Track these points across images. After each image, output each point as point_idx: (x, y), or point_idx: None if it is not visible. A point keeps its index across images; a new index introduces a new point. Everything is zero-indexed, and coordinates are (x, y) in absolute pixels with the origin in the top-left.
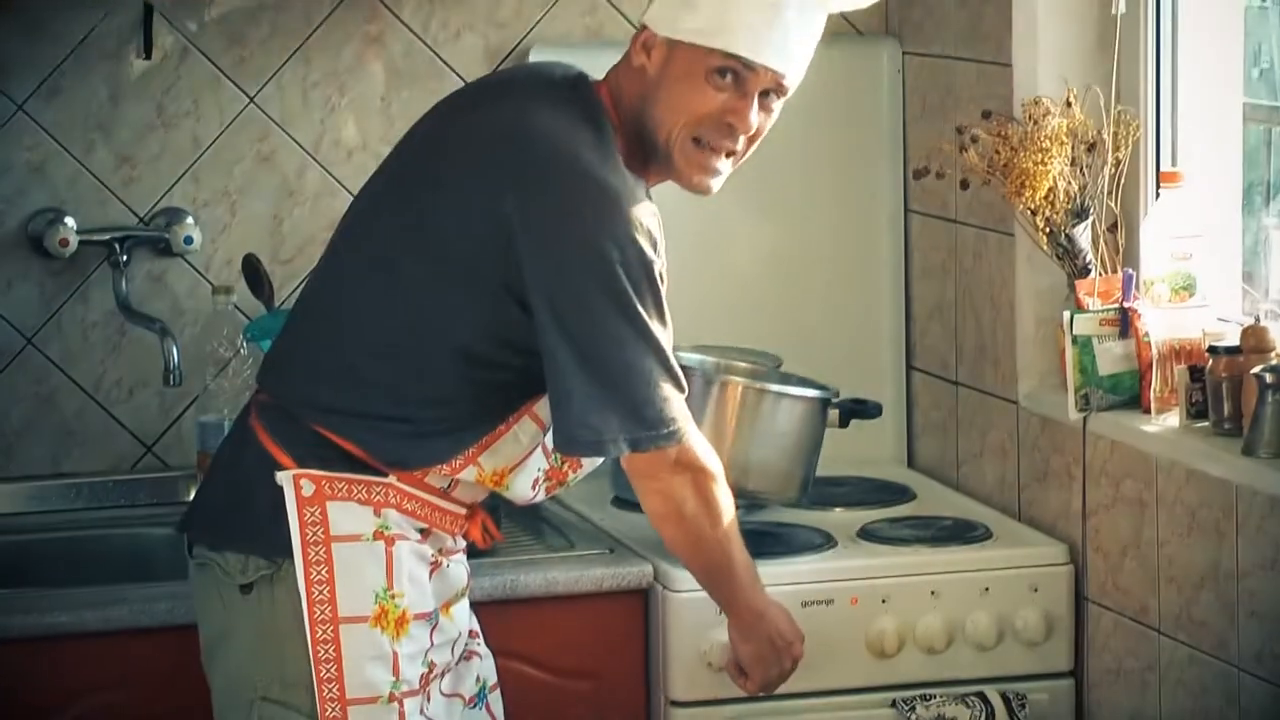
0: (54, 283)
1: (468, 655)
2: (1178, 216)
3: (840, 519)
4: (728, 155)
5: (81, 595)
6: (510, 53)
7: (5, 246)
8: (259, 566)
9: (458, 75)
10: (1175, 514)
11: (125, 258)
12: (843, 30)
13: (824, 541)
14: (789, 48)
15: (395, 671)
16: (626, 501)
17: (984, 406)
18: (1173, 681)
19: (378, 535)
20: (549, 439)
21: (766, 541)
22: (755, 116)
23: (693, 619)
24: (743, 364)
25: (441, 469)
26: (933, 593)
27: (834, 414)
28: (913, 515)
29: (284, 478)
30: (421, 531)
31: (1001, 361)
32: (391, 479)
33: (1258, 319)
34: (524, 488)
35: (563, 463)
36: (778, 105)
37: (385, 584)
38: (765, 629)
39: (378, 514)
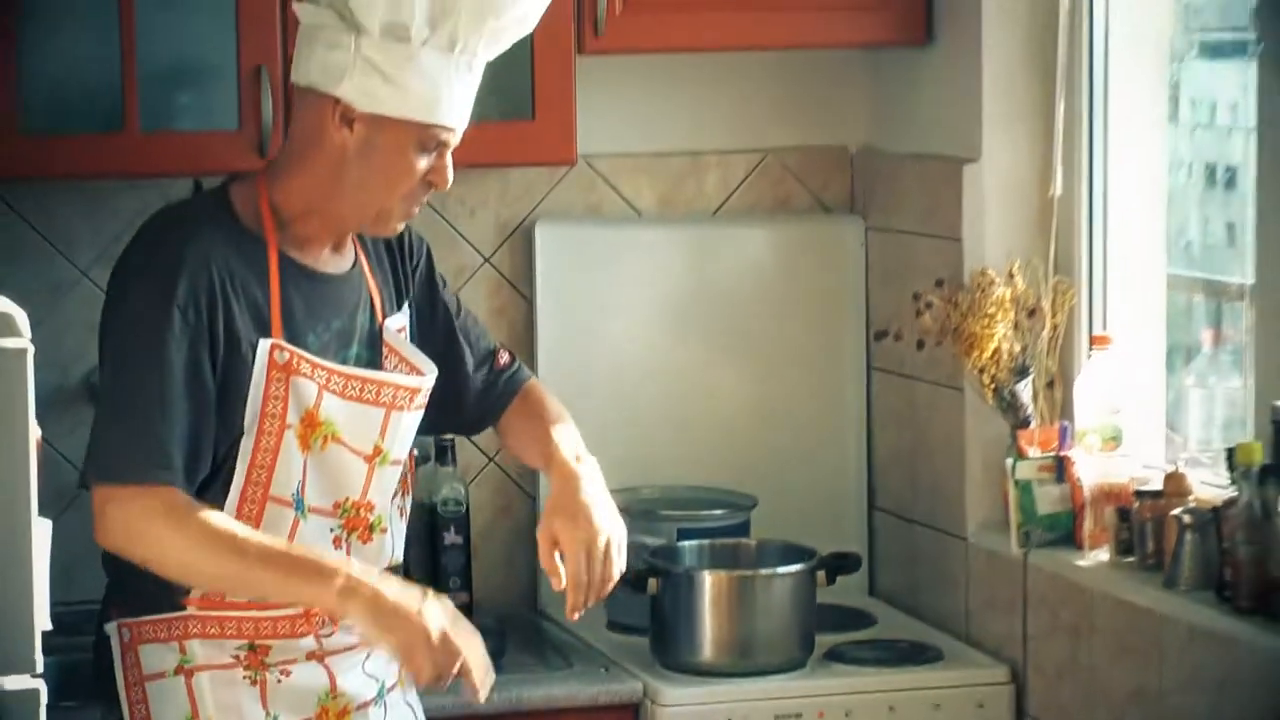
0: None
1: None
2: (1108, 375)
3: None
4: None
5: None
6: (518, 226)
7: (69, 397)
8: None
9: (473, 247)
10: (1106, 639)
11: None
12: (814, 209)
13: (795, 662)
14: (469, 104)
15: None
16: (619, 625)
17: (937, 542)
18: None
19: (178, 670)
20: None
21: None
22: (450, 173)
23: None
24: (727, 542)
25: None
26: (890, 708)
27: (821, 575)
28: (873, 639)
29: (109, 629)
30: (250, 649)
31: (952, 502)
32: (190, 609)
33: (1177, 466)
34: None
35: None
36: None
37: (190, 712)
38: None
39: (182, 649)
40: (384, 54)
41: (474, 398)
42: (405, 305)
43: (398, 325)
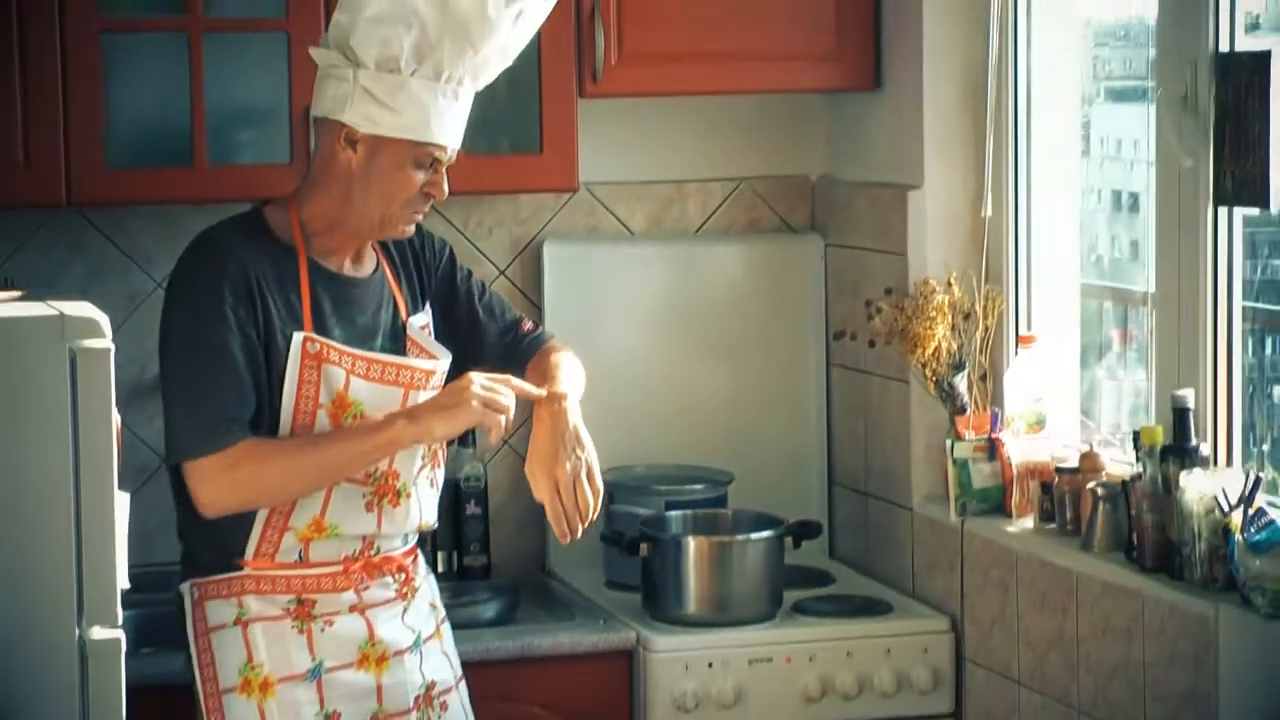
0: None
1: (442, 705)
2: (1032, 369)
3: None
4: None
5: None
6: (529, 243)
7: (146, 390)
8: None
9: (490, 261)
10: (1031, 594)
11: None
12: (781, 229)
13: (766, 614)
14: (462, 126)
15: None
16: (615, 583)
17: (887, 512)
18: None
19: (236, 622)
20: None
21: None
22: (446, 186)
23: (666, 674)
24: (707, 512)
25: (258, 549)
26: (848, 653)
27: (788, 540)
28: (833, 594)
29: (183, 589)
30: (298, 603)
31: (900, 478)
32: (246, 570)
33: (1091, 446)
34: (359, 523)
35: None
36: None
37: (246, 658)
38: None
39: (240, 604)
40: (379, 84)
41: (499, 360)
42: (427, 304)
43: (420, 323)
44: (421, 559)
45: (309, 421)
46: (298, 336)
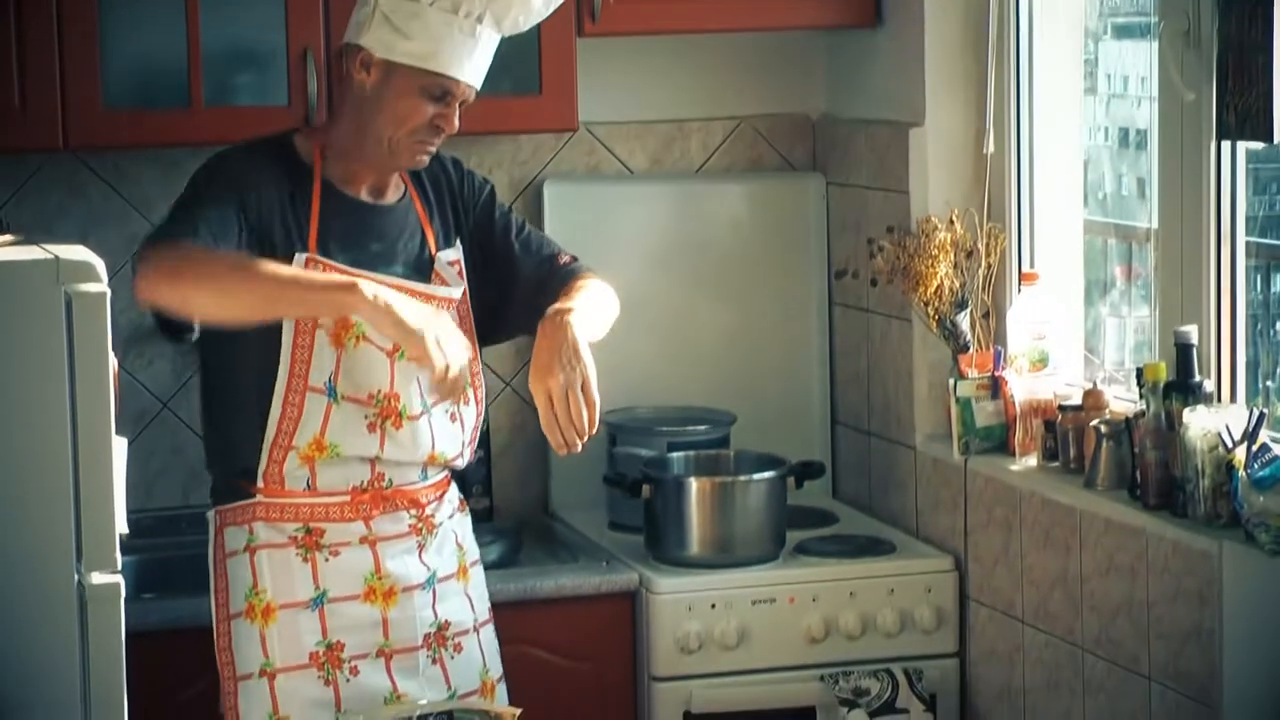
0: (182, 360)
1: (456, 647)
2: (1035, 307)
3: None
4: (433, 147)
5: (203, 600)
6: (529, 184)
7: (145, 334)
8: None
9: None
10: (1034, 532)
11: None
12: (782, 166)
13: (769, 555)
14: (479, 66)
15: (265, 652)
16: (618, 525)
17: (890, 451)
18: (1033, 660)
19: (246, 548)
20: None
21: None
22: (457, 120)
23: (669, 615)
24: (710, 453)
25: (266, 470)
26: (851, 594)
27: (790, 481)
28: (836, 534)
29: (209, 515)
30: (306, 532)
31: (903, 417)
32: (258, 498)
33: (1095, 384)
34: (360, 444)
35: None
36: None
37: (251, 584)
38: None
39: (250, 531)
40: (397, 10)
41: (533, 290)
42: (458, 240)
43: (449, 258)
44: (453, 497)
45: (309, 342)
46: (300, 257)
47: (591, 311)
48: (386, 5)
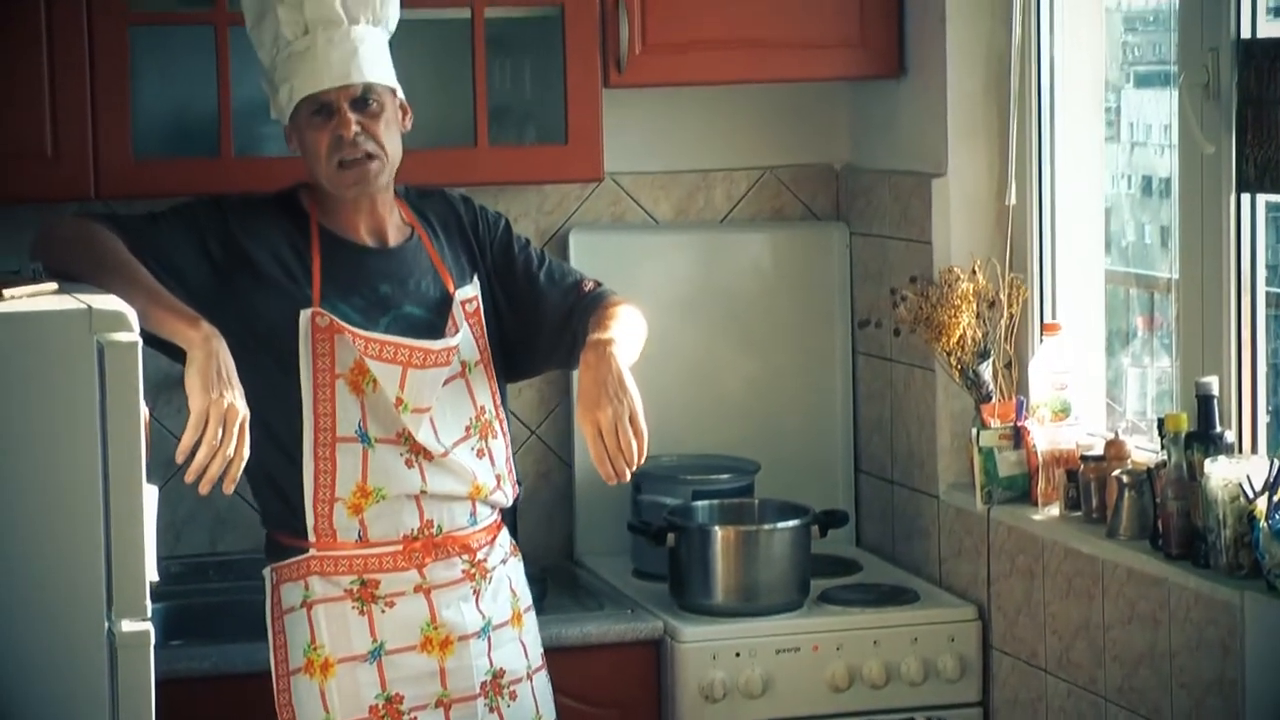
0: None
1: (511, 695)
2: (1057, 357)
3: None
4: (369, 158)
5: (232, 647)
6: (555, 233)
7: (174, 382)
8: None
9: None
10: (1056, 582)
11: None
12: (805, 218)
13: (793, 603)
14: (336, 66)
15: (326, 707)
16: (643, 573)
17: (913, 500)
18: (1056, 709)
19: (303, 604)
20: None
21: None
22: (354, 123)
23: (694, 663)
24: (734, 501)
25: (317, 525)
26: (875, 642)
27: (814, 529)
28: (859, 583)
29: (265, 573)
30: (361, 584)
31: (926, 465)
32: (312, 551)
33: (1117, 434)
34: (403, 481)
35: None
36: (388, 100)
37: (309, 639)
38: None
39: (306, 586)
40: (269, 76)
41: (560, 321)
42: (475, 276)
43: (466, 295)
44: (504, 541)
45: (330, 394)
46: (305, 314)
47: (630, 339)
48: (265, 79)
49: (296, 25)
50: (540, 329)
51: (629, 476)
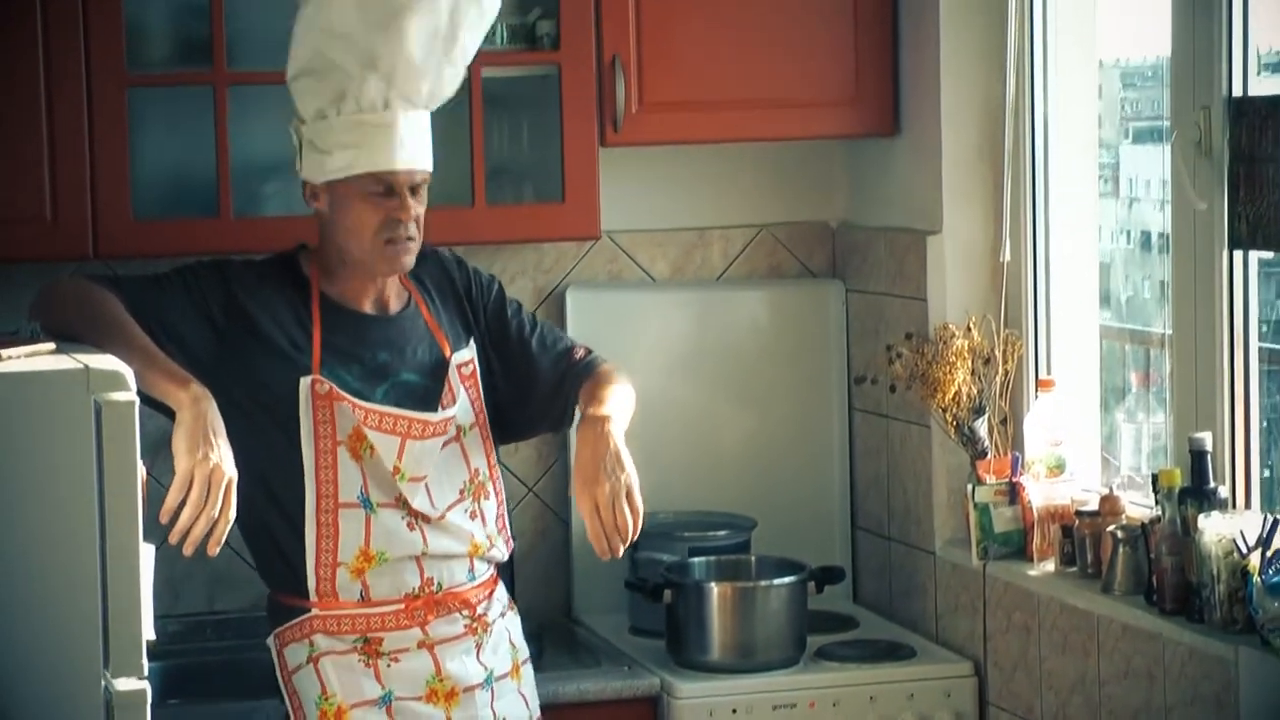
0: None
1: None
2: (1052, 413)
3: None
4: (409, 241)
5: (230, 706)
6: (552, 290)
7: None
8: None
9: None
10: (1053, 637)
11: None
12: (802, 275)
13: (790, 660)
14: (411, 148)
15: None
16: (639, 629)
17: (909, 556)
18: None
19: (309, 660)
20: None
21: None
22: (413, 207)
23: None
24: (731, 558)
25: (318, 587)
26: (871, 698)
27: (811, 585)
28: (856, 639)
29: (269, 642)
30: (365, 641)
31: (922, 522)
32: (314, 611)
33: (1111, 489)
34: (405, 544)
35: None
36: (425, 190)
37: (320, 691)
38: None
39: (311, 643)
40: (316, 133)
41: (552, 389)
42: (471, 340)
43: (462, 359)
44: (501, 596)
45: (331, 461)
46: (305, 381)
47: (624, 412)
48: (307, 132)
49: (379, 97)
50: (532, 395)
51: (622, 553)
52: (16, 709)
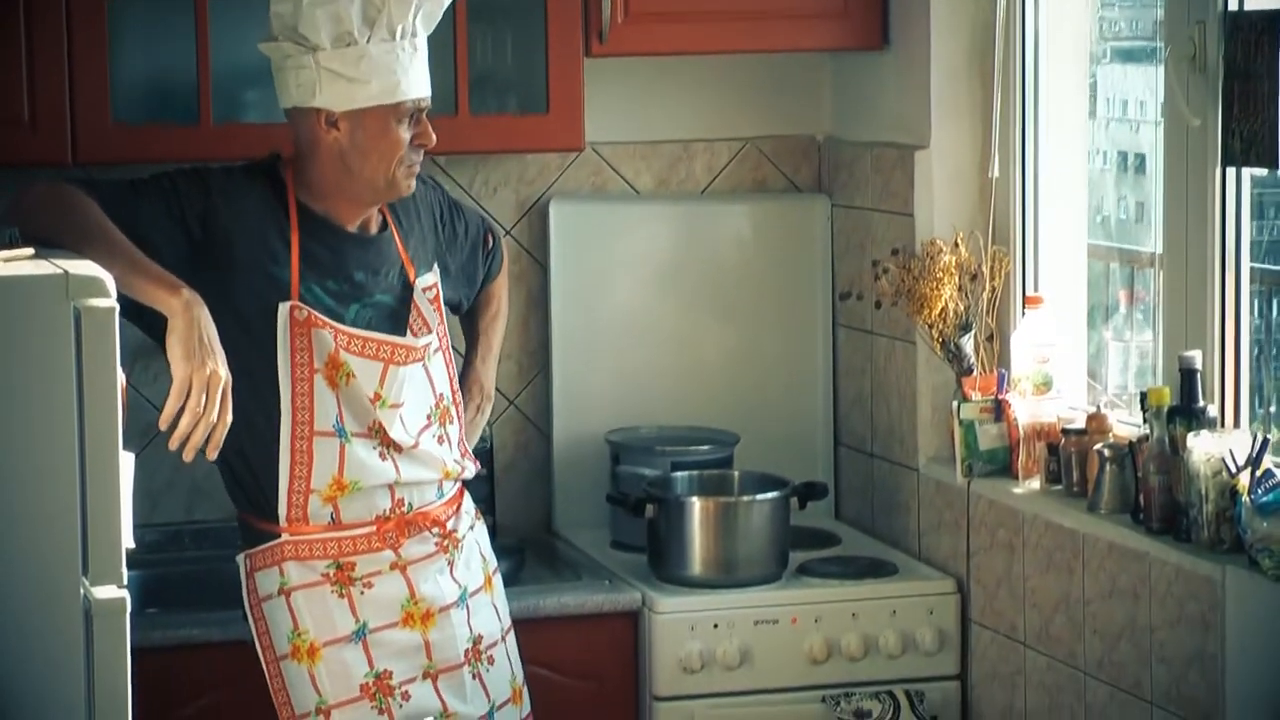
0: None
1: (489, 659)
2: (1039, 330)
3: None
4: (418, 163)
5: (207, 616)
6: (535, 203)
7: (151, 349)
8: None
9: (496, 221)
10: (1036, 555)
11: None
12: (787, 190)
13: (772, 575)
14: (426, 73)
15: (317, 690)
16: (620, 544)
17: (893, 473)
18: (1035, 683)
19: (280, 591)
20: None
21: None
22: (432, 131)
23: (671, 635)
24: (713, 473)
25: (289, 513)
26: (853, 615)
27: (794, 501)
28: (838, 555)
29: (239, 559)
30: (337, 568)
31: (906, 439)
32: (284, 536)
33: (1099, 408)
34: (378, 473)
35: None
36: None
37: (292, 626)
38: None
39: (281, 572)
40: (340, 60)
41: (473, 280)
42: (435, 265)
43: (425, 284)
44: (468, 508)
45: (308, 389)
46: (284, 307)
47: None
48: (327, 60)
49: (410, 22)
50: (466, 285)
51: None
52: None
